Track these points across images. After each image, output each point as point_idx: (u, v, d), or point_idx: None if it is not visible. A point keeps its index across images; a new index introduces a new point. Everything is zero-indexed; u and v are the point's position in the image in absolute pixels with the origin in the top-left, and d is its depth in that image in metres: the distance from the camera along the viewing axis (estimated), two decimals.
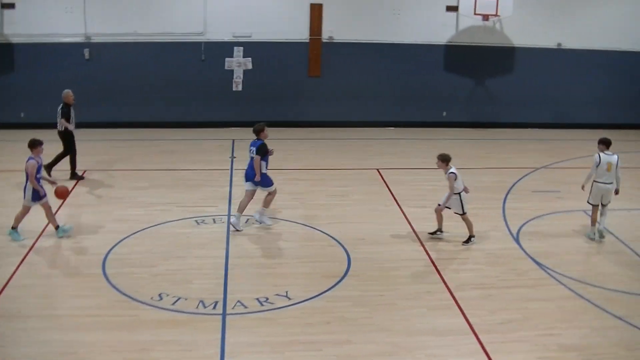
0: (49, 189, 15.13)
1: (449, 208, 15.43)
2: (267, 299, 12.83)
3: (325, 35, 24.34)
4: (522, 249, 15.66)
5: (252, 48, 23.54)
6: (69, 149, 19.04)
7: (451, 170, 15.01)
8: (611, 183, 15.96)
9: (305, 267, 14.22)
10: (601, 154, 15.95)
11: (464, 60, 25.30)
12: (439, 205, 15.39)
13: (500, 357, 11.40)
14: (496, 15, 23.71)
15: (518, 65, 25.64)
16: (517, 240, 16.12)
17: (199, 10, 23.60)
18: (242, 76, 23.41)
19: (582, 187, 16.24)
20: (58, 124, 18.87)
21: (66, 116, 18.75)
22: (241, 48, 23.45)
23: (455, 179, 14.99)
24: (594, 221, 16.20)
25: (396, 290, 13.46)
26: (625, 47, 25.98)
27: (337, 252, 14.93)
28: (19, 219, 14.96)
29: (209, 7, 23.61)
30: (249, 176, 15.76)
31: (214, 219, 16.50)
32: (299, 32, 24.26)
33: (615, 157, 15.91)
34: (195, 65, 23.94)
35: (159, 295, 12.79)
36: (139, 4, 23.32)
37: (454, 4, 24.51)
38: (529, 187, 19.51)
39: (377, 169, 20.57)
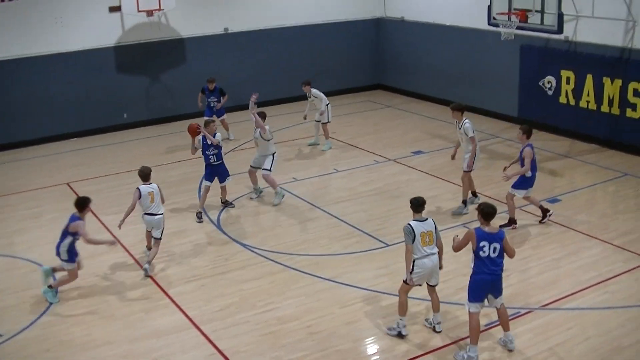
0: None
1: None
2: None
3: None
4: (225, 233, 16.04)
5: None
6: None
7: None
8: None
9: (11, 299, 13.54)
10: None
11: (136, 59, 25.06)
12: None
13: (225, 343, 11.71)
14: (160, 9, 23.73)
15: (189, 55, 25.89)
16: (219, 226, 16.46)
17: None
18: None
19: None
20: None
21: None
22: None
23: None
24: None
25: (110, 301, 13.28)
26: (288, 24, 27.57)
27: (40, 277, 14.35)
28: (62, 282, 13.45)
29: None
30: None
31: None
32: None
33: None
34: None
35: None
36: None
37: (116, 3, 24.09)
38: None
39: (67, 183, 19.96)
